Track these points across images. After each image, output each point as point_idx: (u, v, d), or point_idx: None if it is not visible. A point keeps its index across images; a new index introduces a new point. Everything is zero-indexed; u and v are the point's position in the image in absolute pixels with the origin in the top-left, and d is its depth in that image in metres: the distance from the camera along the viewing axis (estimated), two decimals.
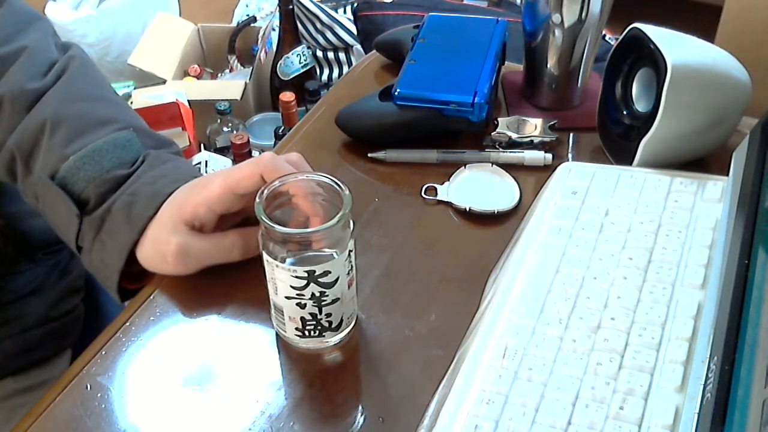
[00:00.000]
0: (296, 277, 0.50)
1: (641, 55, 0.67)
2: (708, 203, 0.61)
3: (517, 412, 0.48)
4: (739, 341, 0.45)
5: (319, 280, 0.50)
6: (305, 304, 0.52)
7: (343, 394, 0.53)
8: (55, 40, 0.72)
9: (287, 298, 0.52)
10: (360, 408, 0.52)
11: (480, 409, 0.48)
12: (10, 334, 0.78)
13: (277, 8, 1.83)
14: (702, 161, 0.68)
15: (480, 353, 0.52)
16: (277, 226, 0.49)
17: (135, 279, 0.62)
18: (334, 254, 0.50)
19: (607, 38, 1.62)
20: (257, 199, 0.50)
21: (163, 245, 0.58)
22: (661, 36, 0.65)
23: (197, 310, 0.59)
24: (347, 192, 0.50)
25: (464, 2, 2.02)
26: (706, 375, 0.46)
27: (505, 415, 0.48)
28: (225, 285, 0.60)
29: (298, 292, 0.51)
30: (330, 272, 0.50)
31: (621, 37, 0.69)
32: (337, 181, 0.51)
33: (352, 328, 0.56)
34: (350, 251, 0.52)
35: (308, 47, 1.86)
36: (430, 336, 0.56)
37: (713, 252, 0.56)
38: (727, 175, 0.61)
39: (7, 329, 0.78)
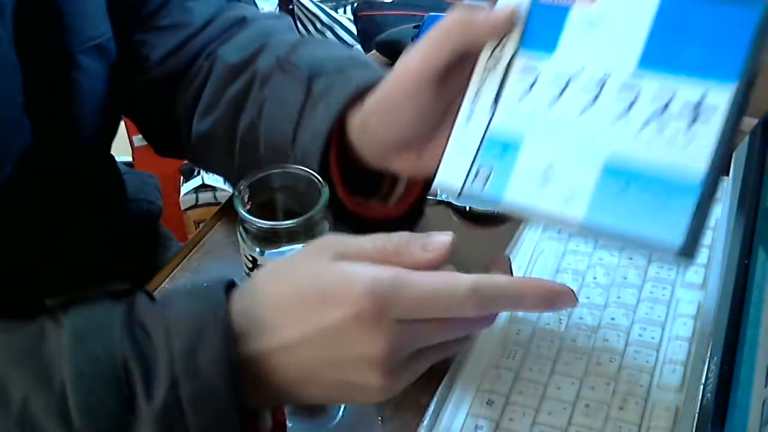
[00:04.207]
0: None
1: None
2: None
3: (517, 412, 0.48)
4: (739, 341, 0.45)
5: None
6: None
7: None
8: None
9: None
10: (359, 408, 0.52)
11: (480, 409, 0.48)
12: None
13: (277, 8, 1.83)
14: None
15: (480, 353, 0.52)
16: (253, 219, 0.48)
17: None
18: None
19: None
20: (235, 192, 0.50)
21: None
22: None
23: None
24: (326, 187, 0.50)
25: (464, 2, 2.02)
26: (706, 375, 0.46)
27: (505, 415, 0.48)
28: None
29: None
30: None
31: None
32: (316, 175, 0.51)
33: None
34: None
35: None
36: None
37: (713, 252, 0.56)
38: (727, 175, 0.61)
39: None
